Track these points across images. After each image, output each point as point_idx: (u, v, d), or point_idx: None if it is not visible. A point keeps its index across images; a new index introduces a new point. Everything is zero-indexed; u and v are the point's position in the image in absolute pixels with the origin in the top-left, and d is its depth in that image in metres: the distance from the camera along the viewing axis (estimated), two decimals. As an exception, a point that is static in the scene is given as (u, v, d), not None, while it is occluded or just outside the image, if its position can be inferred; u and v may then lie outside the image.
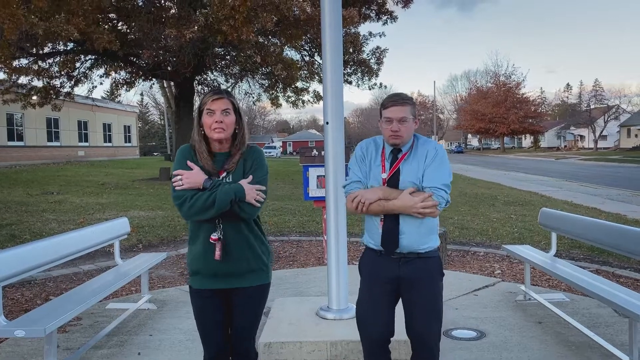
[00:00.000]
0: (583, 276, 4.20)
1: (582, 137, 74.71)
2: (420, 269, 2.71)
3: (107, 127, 39.45)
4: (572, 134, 76.89)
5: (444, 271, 2.90)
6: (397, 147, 2.73)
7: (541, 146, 78.48)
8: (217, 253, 2.51)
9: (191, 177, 2.46)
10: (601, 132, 65.63)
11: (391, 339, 2.82)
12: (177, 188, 2.46)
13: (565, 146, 76.79)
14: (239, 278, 2.59)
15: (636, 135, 60.86)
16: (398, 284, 2.73)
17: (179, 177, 2.46)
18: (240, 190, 2.45)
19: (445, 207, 2.68)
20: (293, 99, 20.85)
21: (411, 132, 2.73)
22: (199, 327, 2.69)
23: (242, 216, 2.53)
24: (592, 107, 69.06)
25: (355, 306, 2.95)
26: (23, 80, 16.80)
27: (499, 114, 69.13)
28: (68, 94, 18.88)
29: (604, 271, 6.28)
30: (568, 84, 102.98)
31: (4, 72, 15.32)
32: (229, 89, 26.09)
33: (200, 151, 2.53)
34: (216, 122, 2.47)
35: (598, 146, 64.30)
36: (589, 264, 6.60)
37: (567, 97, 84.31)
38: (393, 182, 2.69)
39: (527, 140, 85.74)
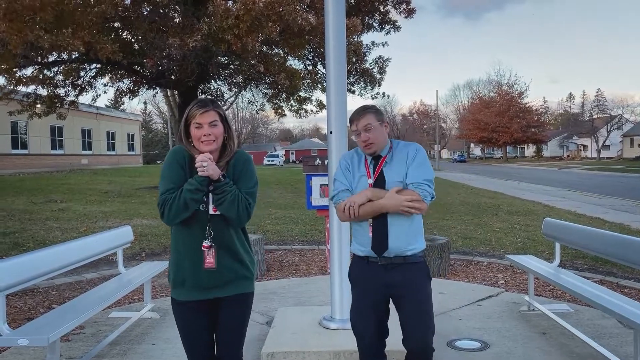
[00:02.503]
0: (587, 287, 4.18)
1: (584, 146, 74.67)
2: (407, 275, 2.78)
3: (110, 136, 39.57)
4: (575, 143, 76.85)
5: (446, 279, 2.93)
6: (374, 154, 2.85)
7: (544, 156, 78.40)
8: (211, 261, 2.49)
9: (214, 165, 2.43)
10: (604, 141, 65.57)
11: (386, 349, 2.92)
12: (200, 173, 2.41)
13: (568, 156, 76.72)
14: (224, 287, 2.56)
15: (639, 145, 60.77)
16: (387, 290, 2.81)
17: (204, 163, 2.39)
18: (198, 177, 2.42)
19: (431, 201, 2.75)
20: (296, 108, 20.90)
21: (382, 137, 2.83)
22: (183, 340, 2.64)
23: (232, 222, 2.52)
24: (594, 116, 69.06)
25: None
26: (28, 89, 16.88)
27: (501, 124, 69.16)
28: (72, 102, 18.96)
29: (608, 282, 6.25)
30: (570, 94, 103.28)
31: (7, 80, 15.41)
32: (233, 98, 26.25)
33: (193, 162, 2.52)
34: (204, 135, 2.46)
35: (601, 156, 64.22)
36: (593, 275, 6.57)
37: (570, 107, 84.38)
38: (379, 185, 2.79)
39: (529, 150, 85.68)
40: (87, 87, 18.73)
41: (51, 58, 16.14)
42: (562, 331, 4.42)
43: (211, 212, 2.50)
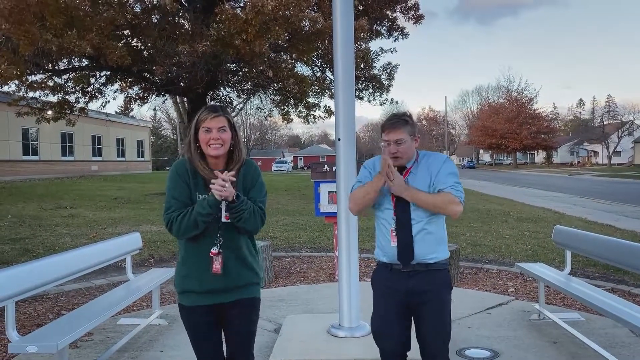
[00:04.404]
0: (598, 295, 4.14)
1: (595, 153, 74.12)
2: (428, 282, 2.78)
3: (120, 142, 39.84)
4: (586, 149, 76.32)
5: (455, 287, 2.93)
6: (399, 166, 2.82)
7: (554, 162, 77.90)
8: (217, 267, 2.51)
9: (229, 187, 2.42)
10: (615, 148, 65.06)
11: (408, 354, 2.90)
12: (215, 194, 2.40)
13: (578, 162, 76.18)
14: (231, 292, 2.59)
15: (650, 151, 60.21)
16: (409, 296, 2.80)
17: (225, 187, 2.38)
18: (211, 202, 2.44)
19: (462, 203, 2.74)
20: (304, 114, 20.91)
21: (411, 151, 2.82)
22: (193, 345, 2.67)
23: (247, 232, 2.58)
24: (605, 122, 68.58)
25: (367, 324, 2.97)
26: (38, 94, 17.03)
27: (511, 130, 68.83)
28: (82, 109, 19.11)
29: (619, 290, 6.17)
30: (581, 100, 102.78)
31: (18, 87, 15.56)
32: (241, 105, 26.33)
33: (200, 167, 2.53)
34: (213, 139, 2.49)
35: (612, 162, 63.70)
36: (604, 283, 6.50)
37: (580, 113, 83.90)
38: (400, 197, 2.76)
39: (539, 156, 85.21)
40: (96, 94, 18.87)
41: (62, 66, 16.29)
42: (573, 340, 4.37)
43: (223, 219, 2.53)
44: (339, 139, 4.10)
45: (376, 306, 2.91)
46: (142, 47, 16.15)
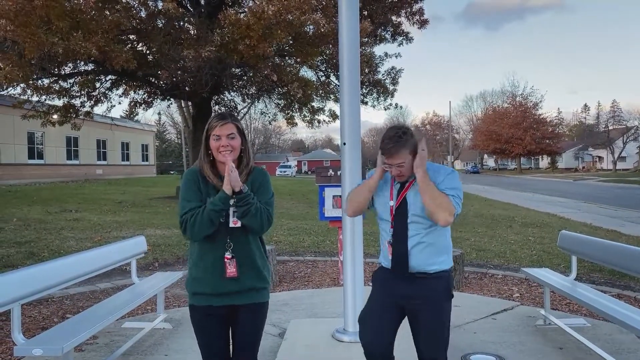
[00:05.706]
0: (604, 301, 4.11)
1: (600, 158, 73.90)
2: (428, 289, 2.76)
3: (125, 146, 39.98)
4: (591, 155, 76.09)
5: (460, 292, 2.93)
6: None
7: (559, 167, 77.69)
8: (233, 270, 2.57)
9: (238, 177, 2.50)
10: (620, 153, 64.86)
11: None
12: (225, 183, 2.47)
13: (583, 167, 75.93)
14: (242, 296, 2.64)
15: (656, 157, 59.96)
16: (406, 302, 2.79)
17: (232, 171, 2.48)
18: (222, 197, 2.49)
19: (456, 217, 2.68)
20: (309, 118, 20.94)
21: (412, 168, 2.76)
22: (200, 346, 2.72)
23: (254, 232, 2.62)
24: (610, 127, 68.38)
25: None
26: (43, 97, 17.08)
27: (516, 135, 68.65)
28: (87, 113, 19.19)
29: (625, 296, 6.14)
30: (586, 105, 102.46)
31: (23, 90, 15.65)
32: (246, 109, 26.40)
33: (209, 174, 2.60)
34: (222, 146, 2.55)
35: (617, 167, 63.47)
36: (610, 288, 6.47)
37: (585, 118, 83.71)
38: (402, 209, 2.77)
39: (544, 161, 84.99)
40: (102, 98, 18.95)
41: (67, 70, 16.36)
42: (578, 346, 4.35)
43: (231, 224, 2.59)
44: (344, 143, 4.10)
45: (369, 301, 2.92)
46: (148, 52, 16.22)
